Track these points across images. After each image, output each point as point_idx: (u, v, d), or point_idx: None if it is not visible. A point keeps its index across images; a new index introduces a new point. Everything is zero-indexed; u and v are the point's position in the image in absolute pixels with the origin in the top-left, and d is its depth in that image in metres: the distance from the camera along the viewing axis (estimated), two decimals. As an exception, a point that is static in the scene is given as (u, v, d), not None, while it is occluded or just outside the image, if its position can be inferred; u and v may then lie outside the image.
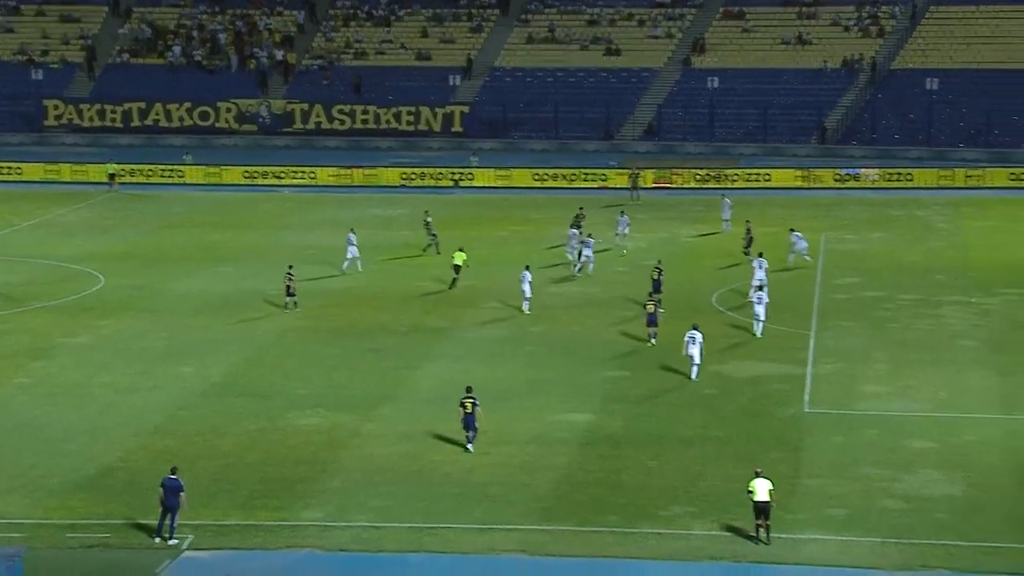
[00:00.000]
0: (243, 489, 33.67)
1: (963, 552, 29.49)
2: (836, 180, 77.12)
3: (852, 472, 33.94)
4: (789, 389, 40.64)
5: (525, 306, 50.05)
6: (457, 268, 54.44)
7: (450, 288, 53.98)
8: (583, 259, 55.80)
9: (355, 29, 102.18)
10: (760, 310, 45.99)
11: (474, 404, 36.08)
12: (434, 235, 60.72)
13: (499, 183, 79.00)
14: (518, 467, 34.90)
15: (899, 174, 77.18)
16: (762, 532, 30.13)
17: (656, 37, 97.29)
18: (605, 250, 59.25)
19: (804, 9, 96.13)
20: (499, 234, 65.54)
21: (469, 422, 36.11)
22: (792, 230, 57.93)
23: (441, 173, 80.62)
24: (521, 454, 35.77)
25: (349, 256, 56.95)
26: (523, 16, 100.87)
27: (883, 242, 62.13)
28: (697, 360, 41.54)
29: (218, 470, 35.00)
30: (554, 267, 57.44)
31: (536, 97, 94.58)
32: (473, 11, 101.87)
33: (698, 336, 41.61)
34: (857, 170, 77.16)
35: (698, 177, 77.76)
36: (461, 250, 55.26)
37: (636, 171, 75.96)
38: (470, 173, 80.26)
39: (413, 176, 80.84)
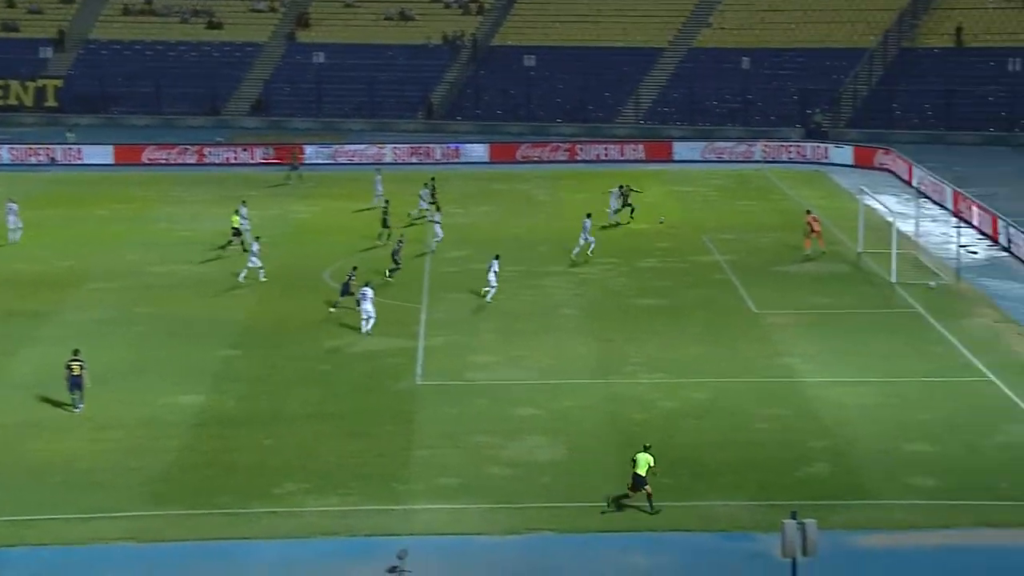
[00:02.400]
0: None
1: (567, 513, 30.78)
2: (443, 155, 78.71)
3: (463, 441, 34.83)
4: (402, 363, 41.22)
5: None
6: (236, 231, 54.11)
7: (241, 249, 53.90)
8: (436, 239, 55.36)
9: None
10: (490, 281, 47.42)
11: (81, 366, 35.41)
12: None
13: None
14: (126, 452, 33.91)
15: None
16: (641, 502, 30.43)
17: (259, 11, 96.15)
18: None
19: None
20: (99, 212, 63.31)
21: (76, 383, 35.60)
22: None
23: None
24: (129, 439, 34.77)
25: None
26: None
27: (489, 215, 63.92)
28: (372, 314, 43.00)
29: None
30: (156, 246, 55.97)
31: (136, 71, 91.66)
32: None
33: (369, 292, 43.26)
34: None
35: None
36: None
37: (296, 148, 74.65)
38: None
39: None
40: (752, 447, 34.48)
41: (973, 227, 59.03)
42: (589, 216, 55.23)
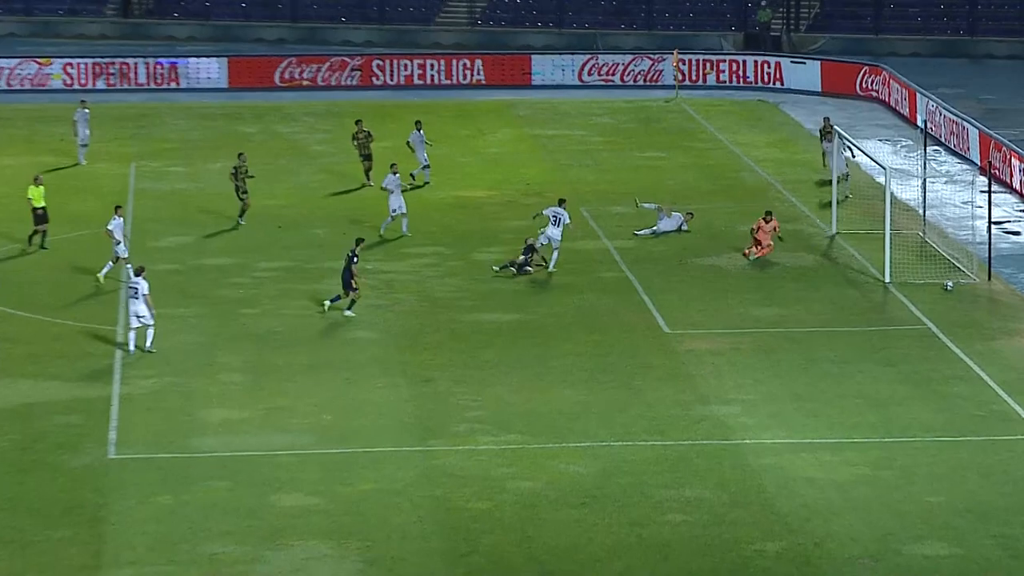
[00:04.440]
0: None
1: (364, 667, 30.91)
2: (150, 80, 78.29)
3: (188, 552, 34.58)
4: (84, 423, 40.96)
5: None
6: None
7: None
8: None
9: None
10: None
11: None
12: None
13: None
14: None
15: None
16: None
17: None
18: None
19: None
20: None
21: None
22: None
23: None
24: None
25: None
26: None
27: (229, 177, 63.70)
28: (150, 320, 45.26)
29: None
30: None
31: None
32: None
33: (141, 286, 45.34)
34: None
35: None
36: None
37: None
38: None
39: None
40: (664, 551, 34.85)
41: (1014, 192, 60.47)
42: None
